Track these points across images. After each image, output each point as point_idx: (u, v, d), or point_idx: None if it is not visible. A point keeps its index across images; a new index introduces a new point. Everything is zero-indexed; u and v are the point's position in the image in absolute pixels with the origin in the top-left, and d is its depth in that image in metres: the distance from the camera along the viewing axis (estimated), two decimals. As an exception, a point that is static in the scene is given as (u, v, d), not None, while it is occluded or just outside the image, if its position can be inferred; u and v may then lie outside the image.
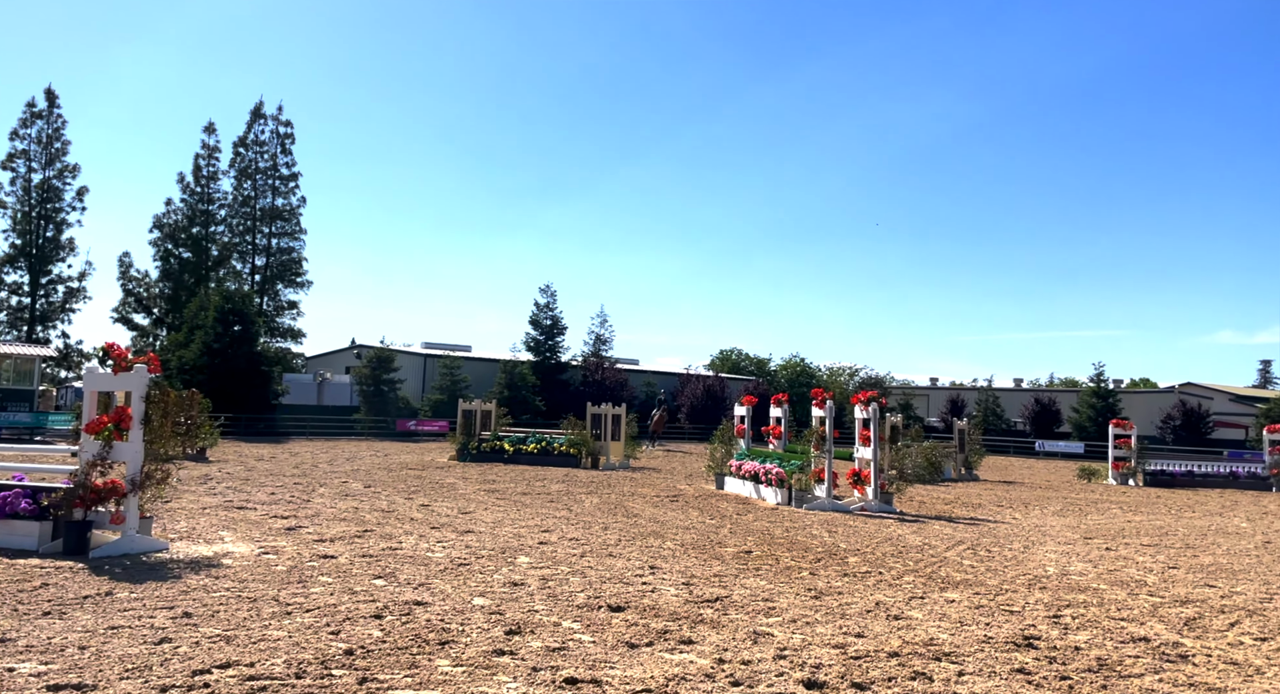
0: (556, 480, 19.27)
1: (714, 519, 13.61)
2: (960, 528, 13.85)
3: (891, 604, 7.84)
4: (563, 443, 23.93)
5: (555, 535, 11.12)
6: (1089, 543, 12.61)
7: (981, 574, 9.61)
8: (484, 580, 8.13)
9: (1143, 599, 8.54)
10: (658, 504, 15.41)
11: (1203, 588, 9.30)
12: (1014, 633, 6.91)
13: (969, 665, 5.97)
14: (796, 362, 61.32)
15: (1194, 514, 17.81)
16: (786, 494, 16.43)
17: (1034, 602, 8.20)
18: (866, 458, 16.28)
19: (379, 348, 40.87)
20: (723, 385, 48.39)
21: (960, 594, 8.43)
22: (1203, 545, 12.84)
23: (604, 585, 8.10)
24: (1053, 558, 11.02)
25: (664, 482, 20.28)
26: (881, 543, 11.74)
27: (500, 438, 24.64)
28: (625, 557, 9.75)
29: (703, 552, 10.35)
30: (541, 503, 14.80)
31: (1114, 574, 9.97)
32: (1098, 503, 19.58)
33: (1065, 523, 15.21)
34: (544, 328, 45.62)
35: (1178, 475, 26.47)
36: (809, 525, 13.32)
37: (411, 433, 37.09)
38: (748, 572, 9.16)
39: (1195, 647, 6.74)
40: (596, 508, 14.39)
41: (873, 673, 5.70)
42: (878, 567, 9.84)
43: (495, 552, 9.72)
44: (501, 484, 17.91)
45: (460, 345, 51.35)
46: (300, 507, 13.07)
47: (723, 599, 7.74)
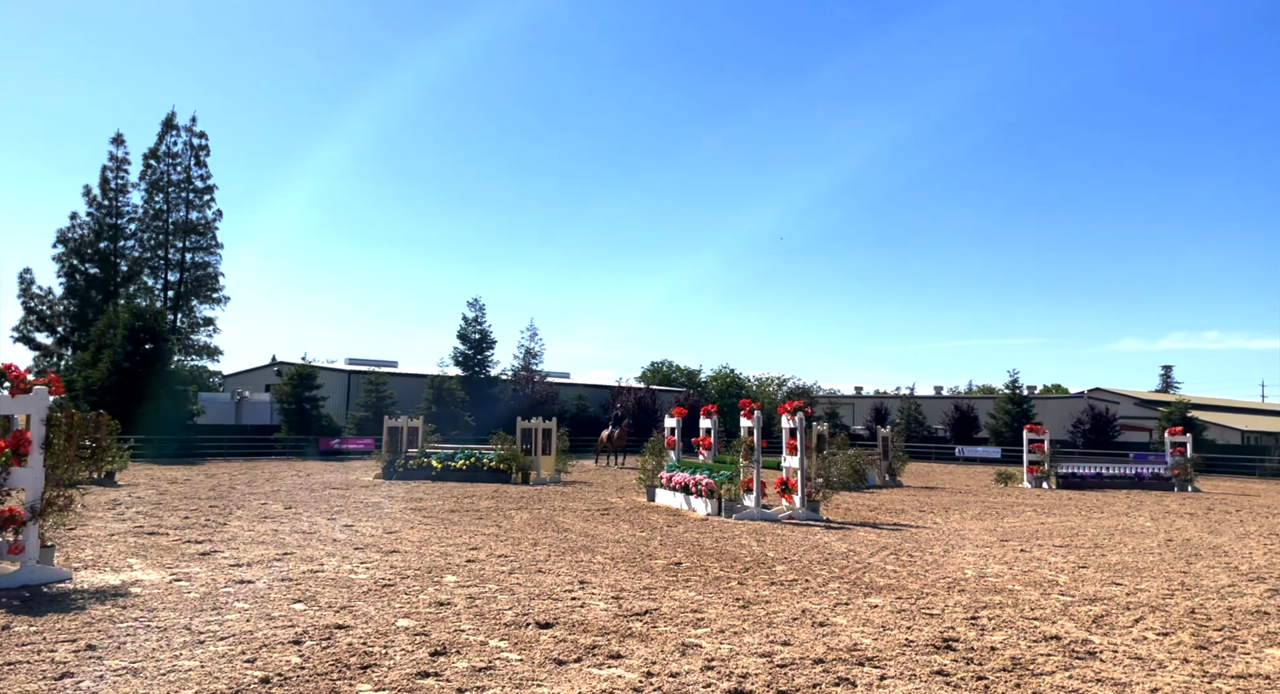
0: (486, 497, 19.02)
1: (644, 531, 13.62)
2: (884, 534, 14.16)
3: (817, 611, 7.96)
4: (492, 458, 23.64)
5: (484, 553, 10.97)
6: (1005, 545, 13.04)
7: (904, 579, 9.84)
8: (409, 601, 7.96)
9: (1055, 598, 8.87)
10: (588, 518, 15.34)
11: (1110, 586, 9.71)
12: (934, 636, 7.10)
13: (890, 669, 6.10)
14: (727, 373, 62.03)
15: (1102, 515, 18.60)
16: (716, 505, 16.56)
17: (953, 604, 8.43)
18: (794, 467, 16.53)
19: (300, 365, 39.81)
20: (654, 397, 48.57)
21: (883, 599, 8.61)
22: (1110, 545, 13.41)
23: (533, 602, 8.02)
24: (971, 561, 11.36)
25: (595, 495, 20.21)
26: (808, 551, 11.92)
27: (428, 455, 24.20)
28: (555, 572, 9.67)
29: (633, 565, 10.35)
30: (470, 520, 14.58)
31: (1028, 575, 10.33)
32: (1013, 506, 20.28)
33: (983, 526, 15.70)
34: (472, 342, 45.10)
35: (1087, 478, 27.61)
36: (738, 535, 13.44)
37: (335, 451, 36.14)
38: (677, 583, 9.19)
39: (1103, 643, 7.02)
40: (526, 524, 14.26)
41: (798, 680, 5.77)
42: (804, 574, 9.98)
43: (421, 571, 9.53)
44: (429, 502, 17.59)
45: (386, 361, 50.37)
46: (216, 530, 12.59)
47: (652, 612, 7.74)
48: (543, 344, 48.22)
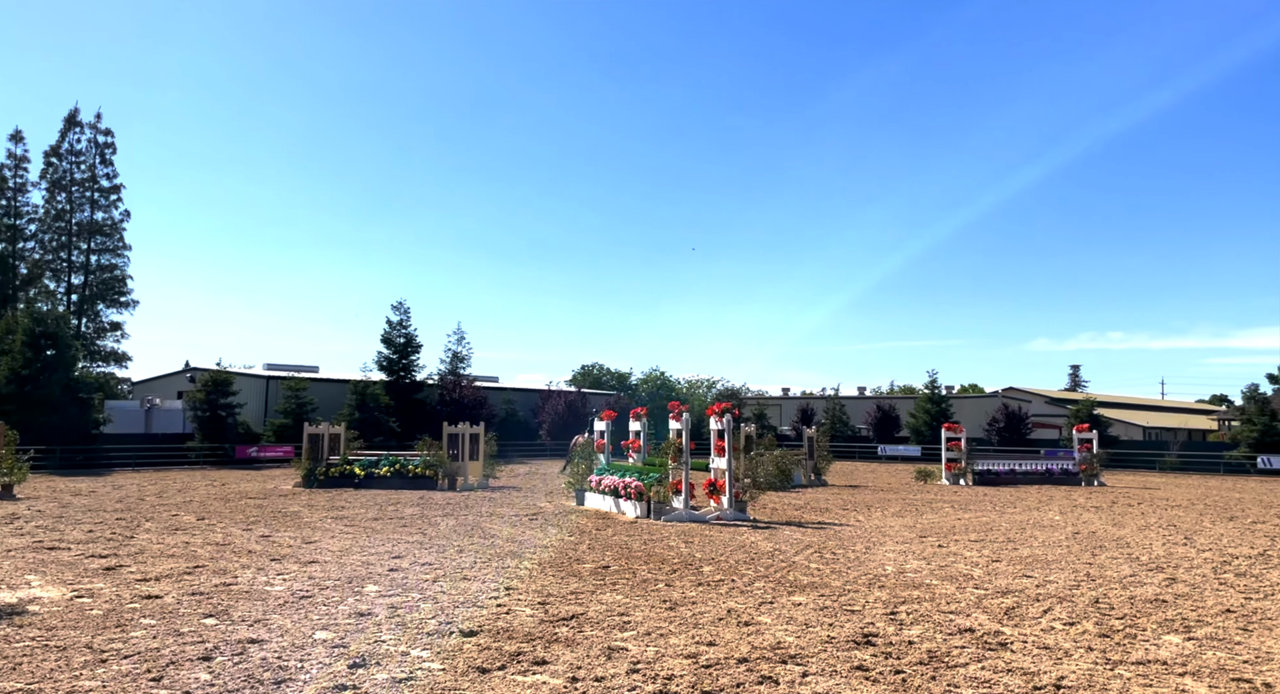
0: (411, 504, 18.67)
1: (573, 536, 13.56)
2: (809, 532, 14.41)
3: (743, 611, 8.04)
4: (418, 465, 23.23)
5: (407, 561, 10.76)
6: (924, 541, 13.41)
7: (827, 576, 10.03)
8: (327, 612, 7.75)
9: (969, 592, 9.16)
10: (516, 524, 15.20)
11: (1021, 579, 10.08)
12: (855, 631, 7.24)
13: (813, 666, 6.20)
14: (657, 375, 62.34)
15: (1015, 510, 19.30)
16: (645, 507, 16.60)
17: (873, 600, 8.62)
18: (722, 468, 16.70)
19: (215, 370, 38.36)
20: (585, 401, 48.44)
21: (807, 597, 8.76)
22: (1022, 539, 13.92)
23: (457, 610, 7.90)
24: (891, 557, 11.65)
25: (524, 500, 20.04)
26: (735, 551, 12.04)
27: (350, 462, 23.63)
28: (480, 579, 9.55)
29: (560, 569, 10.29)
30: (394, 528, 14.29)
31: (945, 570, 10.64)
32: (932, 503, 20.88)
33: (903, 523, 16.12)
34: (397, 346, 44.20)
35: (1001, 474, 28.64)
36: (667, 537, 13.50)
37: (253, 460, 34.99)
38: (605, 587, 9.17)
39: (1014, 634, 7.28)
40: (452, 530, 14.04)
41: (722, 680, 5.82)
42: (731, 574, 10.08)
43: (341, 582, 9.28)
44: (351, 510, 17.17)
45: (306, 366, 48.98)
46: (122, 544, 12.04)
47: (579, 616, 7.70)
48: (470, 348, 47.71)
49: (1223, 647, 6.99)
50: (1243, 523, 17.05)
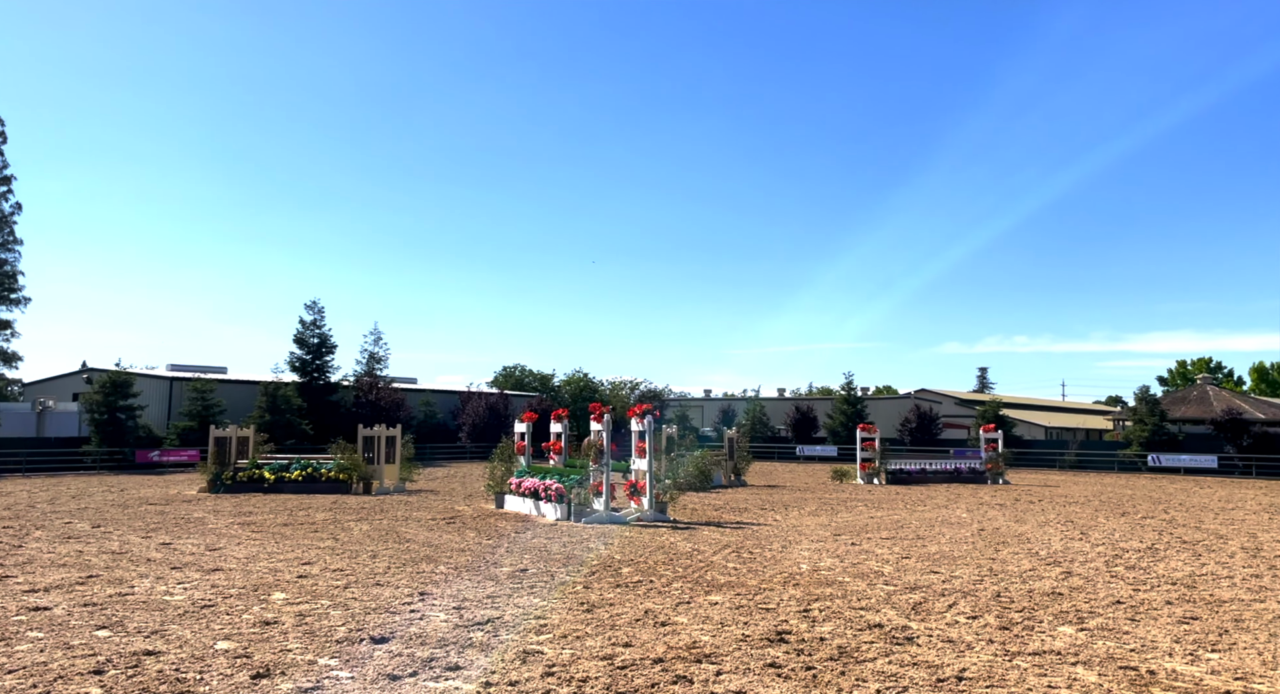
0: (323, 508, 18.15)
1: (491, 539, 13.40)
2: (727, 532, 14.58)
3: (660, 611, 8.08)
4: (331, 468, 22.61)
5: (317, 567, 10.45)
6: (838, 539, 13.73)
7: (743, 576, 10.16)
8: (230, 622, 7.46)
9: (879, 588, 9.42)
10: (433, 527, 14.94)
11: (929, 575, 10.41)
12: (769, 629, 7.36)
13: (727, 664, 6.27)
14: (580, 377, 62.08)
15: (925, 508, 19.94)
16: (566, 509, 16.53)
17: (788, 598, 8.78)
18: (642, 469, 16.76)
19: (115, 371, 36.55)
20: (506, 402, 47.95)
21: (723, 596, 8.86)
22: (930, 536, 14.39)
23: (368, 616, 7.71)
24: (806, 555, 11.89)
25: (441, 504, 19.72)
26: (654, 552, 12.10)
27: (260, 466, 22.84)
28: (394, 585, 9.34)
29: (477, 573, 10.15)
30: (304, 533, 13.87)
31: (857, 567, 10.91)
32: (847, 502, 21.40)
33: (819, 522, 16.47)
34: (311, 346, 42.95)
35: (913, 473, 29.56)
36: (587, 539, 13.47)
37: (155, 465, 33.48)
38: (522, 590, 9.09)
39: (920, 629, 7.51)
40: (366, 535, 13.71)
41: (637, 681, 5.83)
42: (649, 575, 10.12)
43: (246, 590, 8.96)
44: (259, 516, 16.59)
45: (214, 367, 47.16)
46: (9, 553, 11.35)
47: (494, 621, 7.62)
48: (388, 349, 46.74)
49: (1112, 636, 7.36)
50: (1133, 518, 17.99)
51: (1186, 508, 20.86)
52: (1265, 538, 14.75)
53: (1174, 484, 31.28)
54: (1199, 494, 26.01)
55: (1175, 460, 39.33)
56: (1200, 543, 13.92)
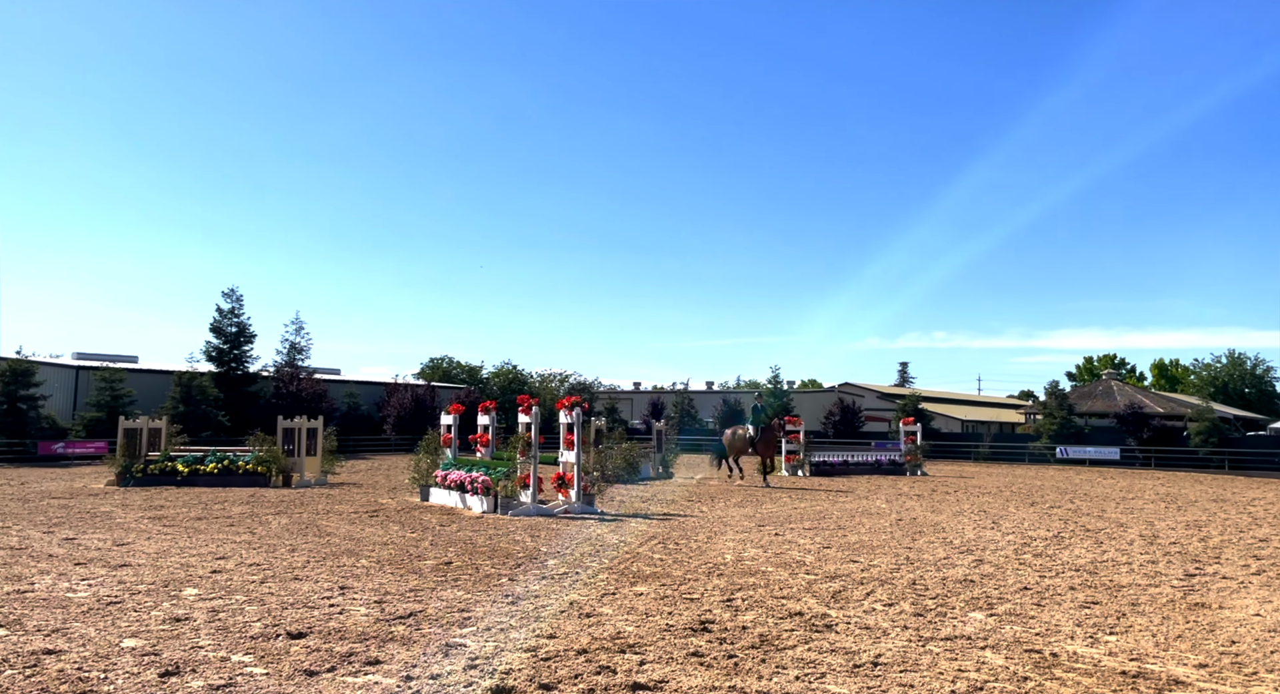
0: (240, 502, 17.60)
1: (415, 532, 13.21)
2: (654, 523, 14.69)
3: (585, 603, 8.10)
4: (249, 461, 21.94)
5: (232, 562, 10.14)
6: (762, 530, 13.97)
7: (669, 566, 10.26)
8: (138, 619, 7.18)
9: (801, 577, 9.62)
10: (355, 521, 14.64)
11: (848, 564, 10.68)
12: (692, 619, 7.45)
13: (650, 654, 6.33)
14: (509, 369, 61.57)
15: (846, 499, 20.44)
16: (492, 502, 16.40)
17: (712, 588, 8.90)
18: (570, 461, 16.73)
19: (14, 359, 34.71)
20: (433, 394, 47.24)
21: (649, 587, 8.92)
22: (851, 526, 14.76)
23: (285, 612, 7.52)
24: (731, 546, 12.06)
25: (365, 497, 19.34)
26: (581, 544, 12.10)
27: (173, 458, 22.00)
28: (313, 579, 9.13)
29: (400, 567, 10.00)
30: (219, 528, 13.43)
31: (780, 557, 11.13)
32: (771, 493, 21.77)
33: (744, 513, 16.73)
34: (228, 336, 41.54)
35: (836, 465, 30.25)
36: (513, 532, 13.39)
37: (58, 457, 31.95)
38: (446, 583, 9.00)
39: (838, 616, 7.71)
40: (284, 529, 13.35)
41: (560, 672, 5.84)
42: (575, 567, 10.13)
43: (156, 586, 8.63)
44: (172, 510, 16.00)
45: (124, 356, 45.22)
46: (-107, 552, 10.69)
47: (417, 614, 7.52)
48: (310, 339, 45.30)
49: (1019, 621, 7.68)
50: (1041, 508, 18.78)
51: (1090, 498, 21.87)
52: (1161, 526, 15.58)
53: (1080, 475, 32.75)
54: (1102, 484, 27.30)
55: (1081, 452, 41.20)
56: (1102, 531, 14.62)
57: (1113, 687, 5.76)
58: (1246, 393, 68.29)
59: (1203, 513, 18.28)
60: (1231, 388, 68.21)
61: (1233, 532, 14.91)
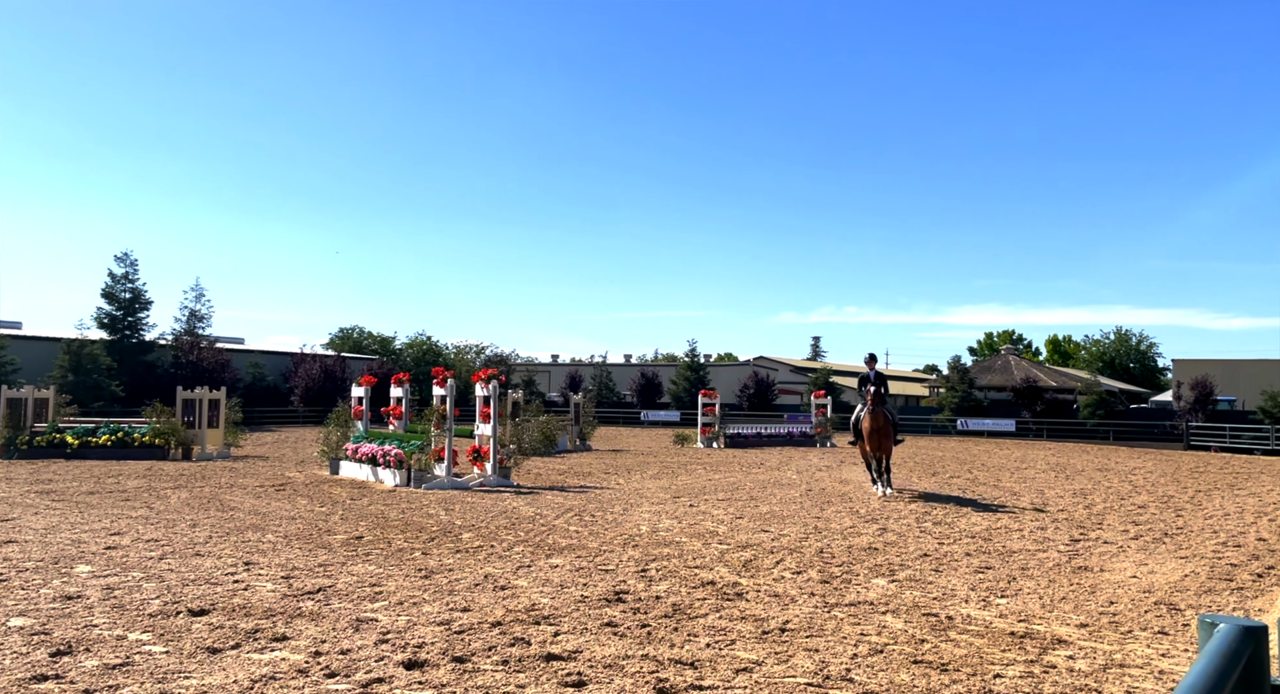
0: (136, 475, 16.87)
1: (325, 506, 12.92)
2: (570, 496, 14.74)
3: (500, 576, 8.09)
4: (146, 433, 21.03)
5: (128, 538, 9.73)
6: (677, 501, 14.18)
7: (585, 538, 10.33)
8: (26, 597, 6.84)
9: (714, 548, 9.83)
10: (260, 495, 14.22)
11: (759, 534, 10.96)
12: (607, 590, 7.53)
13: (565, 625, 6.38)
14: (423, 340, 60.42)
15: (759, 470, 20.91)
16: (406, 475, 16.16)
17: (627, 559, 9.01)
18: (486, 434, 16.60)
19: (-117, 322, 32.28)
20: (343, 365, 46.04)
21: (564, 559, 8.97)
22: (763, 497, 15.13)
23: (186, 588, 7.27)
24: (646, 517, 12.21)
25: (271, 470, 18.78)
26: (496, 516, 12.06)
27: (61, 429, 20.91)
28: (216, 555, 8.85)
29: (308, 541, 9.78)
30: (113, 502, 12.85)
31: (694, 528, 11.33)
32: (687, 465, 22.10)
33: (660, 485, 16.94)
34: (122, 302, 39.50)
35: (750, 437, 30.88)
36: (427, 505, 13.24)
37: (-65, 428, 29.93)
38: (356, 558, 8.85)
39: (749, 585, 7.92)
40: (185, 504, 12.87)
41: (474, 644, 5.83)
42: (490, 540, 10.09)
43: (45, 563, 8.22)
44: (61, 484, 15.21)
45: (6, 322, 42.53)
46: None
47: (326, 589, 7.38)
48: (211, 306, 43.46)
49: (918, 587, 8.04)
50: (942, 477, 19.62)
51: (987, 467, 22.96)
52: (1051, 494, 16.48)
53: (979, 446, 34.31)
54: (999, 455, 28.68)
55: (980, 424, 43.13)
56: (997, 500, 15.38)
57: (1002, 646, 6.10)
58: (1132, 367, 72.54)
59: (1088, 482, 19.41)
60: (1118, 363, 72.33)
61: (1114, 499, 15.89)
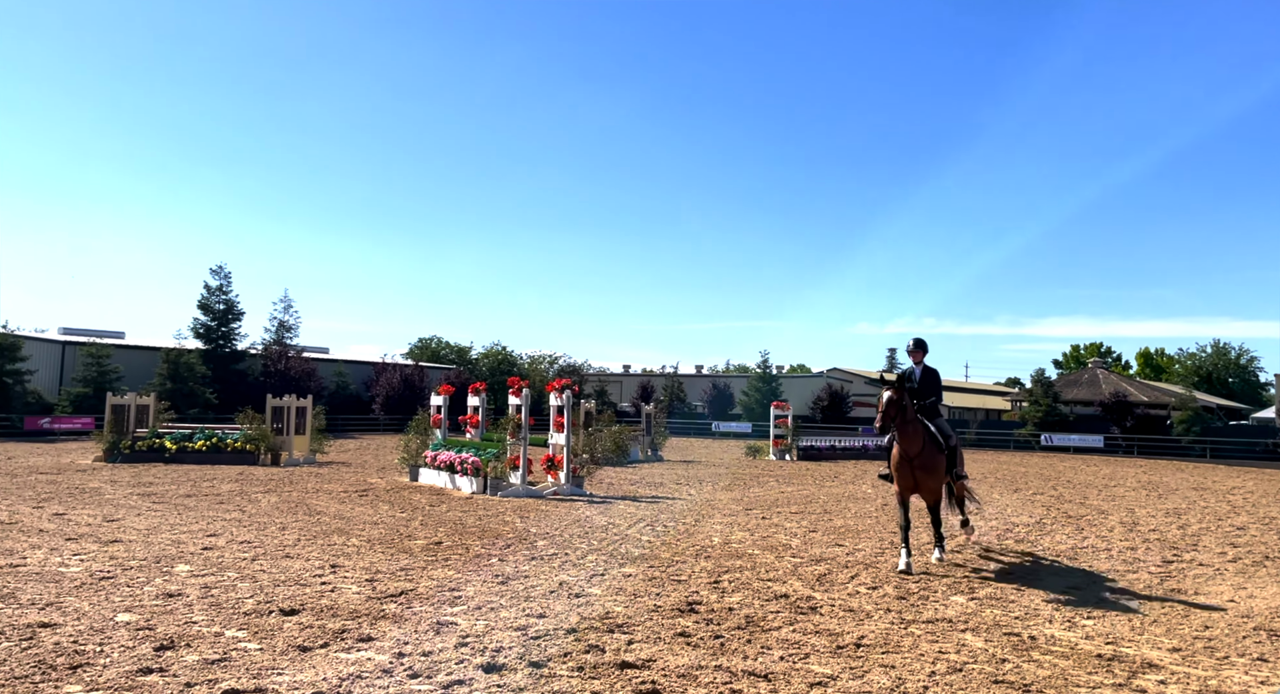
0: (229, 480, 17.64)
1: (405, 512, 13.29)
2: (642, 506, 14.82)
3: (574, 583, 8.21)
4: (238, 439, 21.95)
5: (223, 539, 10.20)
6: (749, 513, 14.12)
7: (657, 548, 10.38)
8: (131, 594, 7.25)
9: (787, 561, 9.76)
10: (345, 500, 14.71)
11: (834, 548, 10.83)
12: (680, 600, 7.57)
13: (638, 634, 6.44)
14: (498, 350, 61.52)
15: (833, 483, 20.63)
16: (482, 483, 16.49)
17: (699, 570, 9.03)
18: (560, 443, 16.83)
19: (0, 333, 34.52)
20: (422, 375, 47.23)
21: (637, 568, 9.04)
22: (837, 510, 14.93)
23: (277, 589, 7.60)
24: (718, 529, 12.20)
25: (354, 476, 19.40)
26: (570, 525, 12.22)
27: (161, 435, 22.00)
28: (304, 557, 9.21)
29: (390, 546, 10.08)
30: (209, 505, 13.48)
31: (766, 540, 11.27)
32: (759, 477, 21.96)
33: (731, 496, 16.89)
34: (216, 313, 41.36)
35: (823, 449, 30.48)
36: (503, 512, 13.49)
37: (45, 432, 31.87)
38: (436, 563, 9.09)
39: (823, 599, 7.85)
40: (274, 507, 13.41)
41: (550, 650, 5.95)
42: (564, 548, 10.24)
43: (148, 561, 8.70)
44: (160, 486, 16.02)
45: (110, 332, 44.97)
46: (-117, 526, 10.70)
47: (407, 593, 7.61)
48: (299, 317, 45.25)
49: (999, 605, 7.84)
50: (1025, 494, 19.02)
51: (1073, 485, 22.15)
52: (1142, 513, 15.82)
53: (1064, 462, 33.11)
54: (1085, 472, 27.63)
55: (1066, 440, 41.63)
56: (1084, 518, 14.84)
57: (1088, 669, 5.91)
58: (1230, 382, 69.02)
59: (1183, 501, 18.55)
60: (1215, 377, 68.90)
61: (1211, 520, 15.16)
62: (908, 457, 9.47)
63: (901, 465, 9.55)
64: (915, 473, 9.44)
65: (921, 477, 9.45)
